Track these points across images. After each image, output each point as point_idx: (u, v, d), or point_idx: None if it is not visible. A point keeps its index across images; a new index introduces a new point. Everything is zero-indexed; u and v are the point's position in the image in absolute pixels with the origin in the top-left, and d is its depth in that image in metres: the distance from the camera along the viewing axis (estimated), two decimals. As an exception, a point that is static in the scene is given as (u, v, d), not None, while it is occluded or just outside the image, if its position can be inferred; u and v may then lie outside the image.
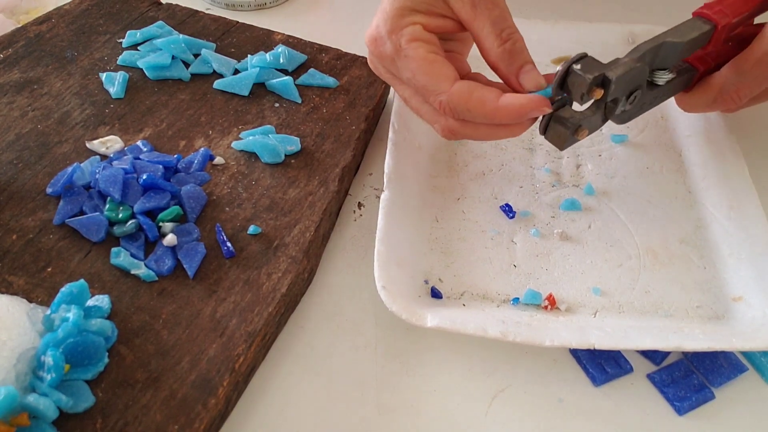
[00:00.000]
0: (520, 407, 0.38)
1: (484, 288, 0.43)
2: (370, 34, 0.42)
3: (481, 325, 0.38)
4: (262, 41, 0.56)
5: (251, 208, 0.44)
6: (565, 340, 0.37)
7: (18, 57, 0.53)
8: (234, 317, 0.38)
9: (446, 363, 0.40)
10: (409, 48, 0.40)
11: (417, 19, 0.40)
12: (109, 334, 0.36)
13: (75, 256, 0.40)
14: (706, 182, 0.48)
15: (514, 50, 0.40)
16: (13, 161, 0.45)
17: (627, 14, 0.66)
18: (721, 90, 0.45)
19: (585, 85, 0.38)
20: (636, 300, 0.42)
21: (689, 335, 0.39)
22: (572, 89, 0.39)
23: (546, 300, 0.42)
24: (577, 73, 0.38)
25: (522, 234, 0.46)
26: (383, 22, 0.41)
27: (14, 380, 0.32)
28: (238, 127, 0.49)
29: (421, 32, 0.40)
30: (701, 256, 0.45)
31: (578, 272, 0.44)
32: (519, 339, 0.37)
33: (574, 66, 0.39)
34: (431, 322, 0.38)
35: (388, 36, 0.40)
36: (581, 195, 0.48)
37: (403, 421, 0.37)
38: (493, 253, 0.44)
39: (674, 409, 0.38)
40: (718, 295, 0.43)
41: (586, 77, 0.38)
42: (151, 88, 0.52)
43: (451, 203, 0.47)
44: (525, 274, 0.43)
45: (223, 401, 0.35)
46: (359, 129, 0.49)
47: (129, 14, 0.58)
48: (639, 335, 0.38)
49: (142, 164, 0.44)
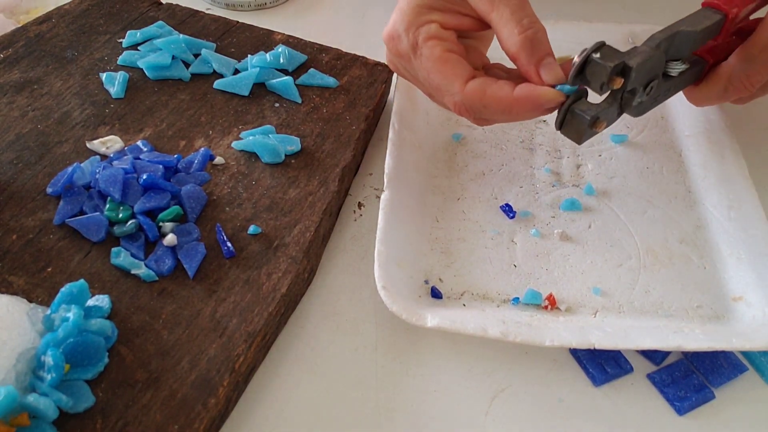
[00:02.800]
0: (520, 407, 0.38)
1: (484, 288, 0.43)
2: (388, 31, 0.42)
3: (481, 325, 0.38)
4: (262, 41, 0.56)
5: (251, 208, 0.44)
6: (565, 340, 0.37)
7: (18, 57, 0.53)
8: (234, 317, 0.38)
9: (446, 363, 0.40)
10: (425, 46, 0.39)
11: (434, 17, 0.40)
12: (109, 334, 0.36)
13: (75, 256, 0.40)
14: (706, 182, 0.48)
15: (535, 39, 0.39)
16: (13, 161, 0.45)
17: (627, 14, 0.66)
18: (731, 78, 0.44)
19: (605, 74, 0.37)
20: (636, 300, 0.42)
21: (689, 335, 0.39)
22: (591, 79, 0.38)
23: (546, 300, 0.42)
24: (596, 61, 0.38)
25: (522, 234, 0.46)
26: (400, 20, 0.41)
27: (14, 380, 0.32)
28: (238, 127, 0.49)
29: (437, 30, 0.40)
30: (701, 256, 0.45)
31: (578, 272, 0.44)
32: (519, 339, 0.37)
33: (593, 55, 0.38)
34: (431, 322, 0.38)
35: (405, 33, 0.40)
36: (581, 195, 0.48)
37: (403, 421, 0.37)
38: (493, 253, 0.44)
39: (674, 409, 0.38)
40: (718, 295, 0.43)
41: (606, 65, 0.37)
42: (151, 88, 0.52)
43: (452, 203, 0.47)
44: (525, 274, 0.43)
45: (223, 401, 0.35)
46: (359, 129, 0.49)
47: (129, 14, 0.58)
48: (639, 335, 0.38)
49: (142, 164, 0.44)
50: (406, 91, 0.51)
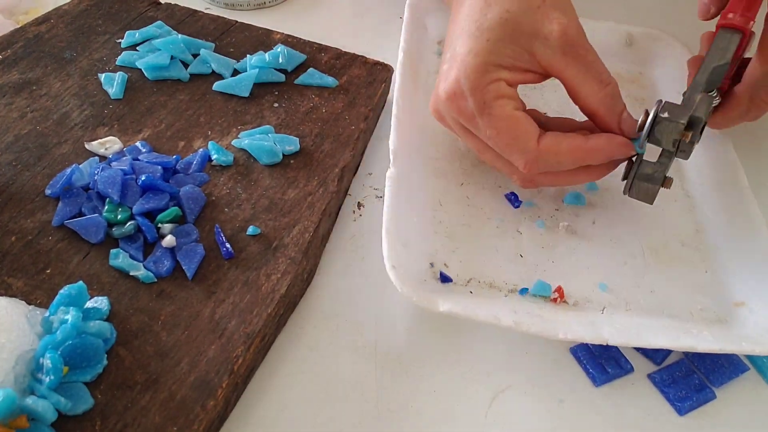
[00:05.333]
0: (520, 407, 0.38)
1: (492, 276, 0.42)
2: (450, 89, 0.40)
3: (493, 313, 0.37)
4: (261, 41, 0.56)
5: (250, 208, 0.43)
6: (577, 334, 0.37)
7: (17, 58, 0.53)
8: (233, 318, 0.38)
9: (446, 363, 0.39)
10: (496, 105, 0.39)
11: (502, 75, 0.39)
12: (107, 336, 0.36)
13: (74, 258, 0.40)
14: (703, 188, 0.48)
15: (615, 94, 0.40)
16: (12, 162, 0.45)
17: (626, 14, 0.65)
18: (752, 97, 0.44)
19: (678, 131, 0.38)
20: (642, 299, 0.42)
21: (699, 336, 0.38)
22: (662, 137, 0.39)
23: (555, 292, 0.41)
24: (668, 120, 0.38)
25: (527, 224, 0.45)
26: (465, 78, 0.39)
27: (13, 382, 0.32)
28: (237, 128, 0.49)
29: (505, 89, 0.39)
30: (702, 259, 0.45)
31: (584, 267, 0.43)
32: (533, 330, 0.37)
33: (661, 114, 0.38)
34: (443, 306, 0.37)
35: (471, 93, 0.39)
36: (584, 189, 0.48)
37: (403, 421, 0.37)
38: (498, 242, 0.44)
39: (675, 409, 0.38)
40: (720, 299, 0.43)
41: (678, 123, 0.37)
42: (150, 88, 0.51)
43: (455, 187, 0.47)
44: (532, 265, 0.43)
45: (222, 403, 0.35)
46: (359, 129, 0.49)
47: (128, 14, 0.58)
48: (651, 333, 0.38)
49: (141, 165, 0.44)
50: (409, 69, 0.50)
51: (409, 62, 0.51)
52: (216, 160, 0.46)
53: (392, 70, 0.55)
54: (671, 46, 0.58)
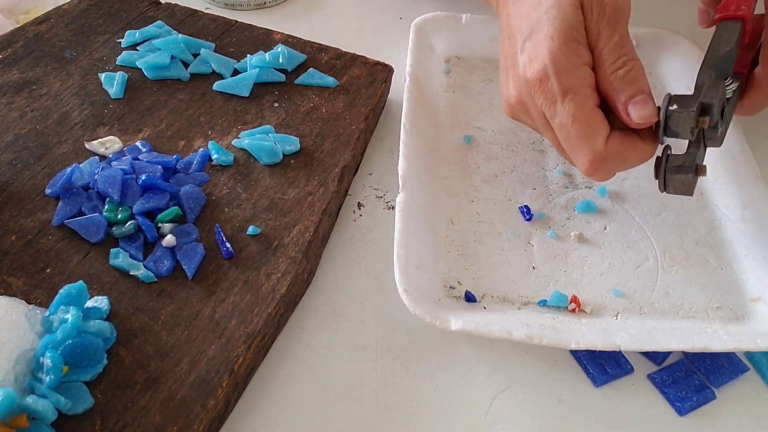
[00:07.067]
0: (520, 407, 0.38)
1: (504, 290, 0.42)
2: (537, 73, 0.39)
3: (506, 328, 0.38)
4: (262, 41, 0.56)
5: (250, 208, 0.43)
6: (590, 343, 0.37)
7: (17, 57, 0.53)
8: (233, 318, 0.38)
9: (446, 363, 0.39)
10: (581, 95, 0.38)
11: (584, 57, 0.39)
12: (107, 336, 0.36)
13: (74, 257, 0.40)
14: (717, 183, 0.48)
15: (626, 78, 0.38)
16: (12, 162, 0.45)
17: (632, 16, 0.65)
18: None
19: (692, 119, 0.38)
20: (657, 301, 0.42)
21: (714, 336, 0.38)
22: (679, 129, 0.38)
23: (572, 302, 0.41)
24: (678, 112, 0.38)
25: (538, 236, 0.45)
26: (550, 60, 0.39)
27: (13, 382, 0.32)
28: (238, 127, 0.49)
29: (591, 78, 0.39)
30: (717, 257, 0.45)
31: (597, 274, 0.43)
32: (545, 341, 0.37)
33: (670, 108, 0.38)
34: (455, 325, 0.37)
35: (556, 77, 0.38)
36: (595, 196, 0.48)
37: (403, 421, 0.37)
38: (510, 256, 0.44)
39: (675, 409, 0.38)
40: (737, 296, 0.43)
41: (689, 111, 0.37)
42: (150, 88, 0.51)
43: (466, 205, 0.47)
44: (544, 276, 0.43)
45: (222, 402, 0.35)
46: (359, 129, 0.49)
47: (128, 14, 0.58)
48: (664, 336, 0.38)
49: (141, 165, 0.44)
50: (415, 93, 0.51)
51: (415, 86, 0.51)
52: (216, 159, 0.46)
53: (392, 70, 0.55)
54: (679, 43, 0.58)
